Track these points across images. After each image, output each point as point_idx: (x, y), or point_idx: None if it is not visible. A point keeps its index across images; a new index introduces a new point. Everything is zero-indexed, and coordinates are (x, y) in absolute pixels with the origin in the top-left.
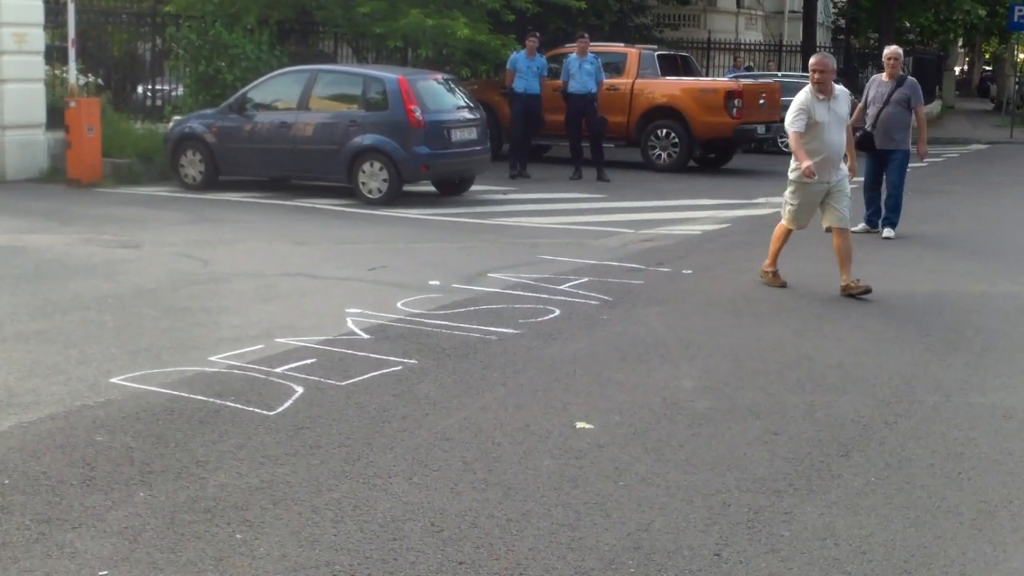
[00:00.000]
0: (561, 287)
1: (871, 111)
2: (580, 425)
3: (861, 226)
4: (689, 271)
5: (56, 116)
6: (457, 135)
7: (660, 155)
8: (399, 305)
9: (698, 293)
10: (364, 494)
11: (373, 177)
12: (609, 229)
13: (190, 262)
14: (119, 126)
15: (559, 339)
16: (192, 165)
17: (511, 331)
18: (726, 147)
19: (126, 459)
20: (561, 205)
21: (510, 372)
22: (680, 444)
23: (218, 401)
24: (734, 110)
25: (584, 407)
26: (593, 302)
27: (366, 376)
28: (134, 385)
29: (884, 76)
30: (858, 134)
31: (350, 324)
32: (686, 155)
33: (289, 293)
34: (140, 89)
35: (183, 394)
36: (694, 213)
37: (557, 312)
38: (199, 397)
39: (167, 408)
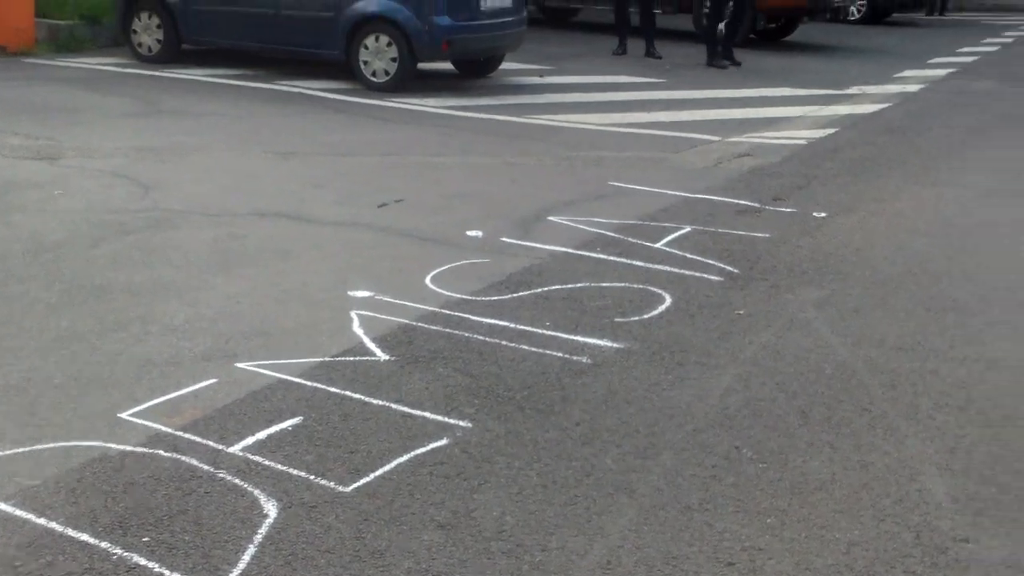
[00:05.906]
0: (657, 245)
1: None
2: None
3: None
4: (823, 214)
5: None
6: (487, 2)
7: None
8: (427, 282)
9: (855, 259)
10: None
11: (379, 55)
12: (687, 135)
13: (125, 188)
14: None
15: (687, 364)
16: (147, 31)
17: (609, 344)
18: (791, 17)
19: None
20: (613, 95)
21: (631, 456)
22: None
23: (105, 563)
24: None
25: (781, 559)
26: (713, 277)
27: (389, 467)
28: None
29: None
30: None
31: (356, 327)
32: (748, 26)
33: (263, 254)
34: None
35: (44, 542)
36: (783, 110)
37: (668, 300)
38: (65, 561)
39: None
